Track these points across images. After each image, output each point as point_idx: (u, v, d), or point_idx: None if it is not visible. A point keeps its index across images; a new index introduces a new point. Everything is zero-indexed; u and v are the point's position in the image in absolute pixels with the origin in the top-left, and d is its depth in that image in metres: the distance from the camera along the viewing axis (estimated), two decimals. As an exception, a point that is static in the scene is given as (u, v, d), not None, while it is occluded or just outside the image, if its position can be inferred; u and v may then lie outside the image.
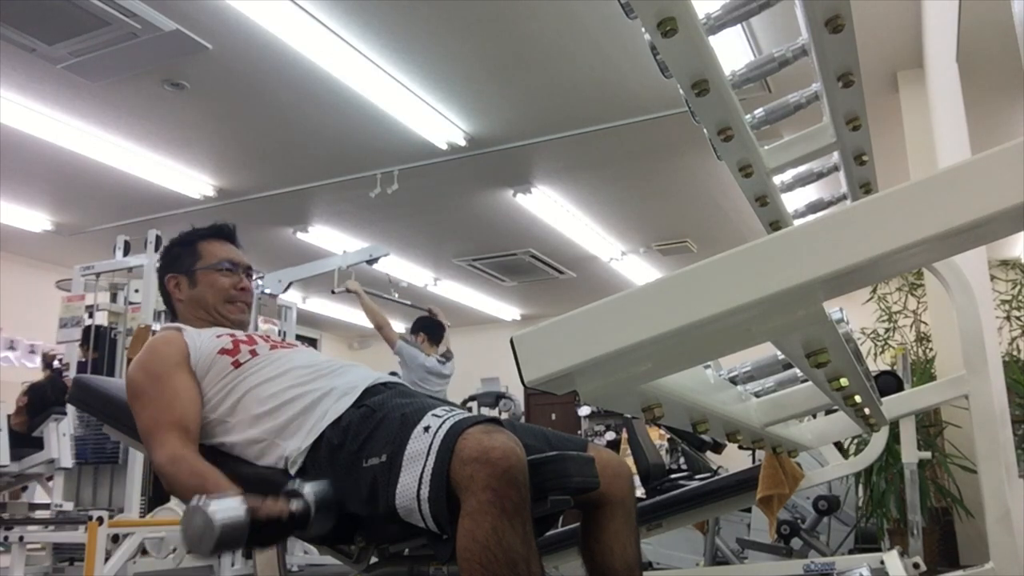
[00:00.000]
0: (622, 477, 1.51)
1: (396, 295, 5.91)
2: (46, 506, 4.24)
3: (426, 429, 1.25)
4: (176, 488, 1.41)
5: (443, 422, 1.25)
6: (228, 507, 1.15)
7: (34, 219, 6.36)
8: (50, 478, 4.43)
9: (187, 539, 1.15)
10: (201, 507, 1.13)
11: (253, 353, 1.56)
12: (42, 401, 4.30)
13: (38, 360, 5.62)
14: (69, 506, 4.20)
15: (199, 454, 1.45)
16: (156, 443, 1.45)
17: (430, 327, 5.01)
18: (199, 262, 1.75)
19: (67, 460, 4.07)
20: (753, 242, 0.58)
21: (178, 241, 1.81)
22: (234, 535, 1.14)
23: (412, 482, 1.21)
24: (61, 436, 4.05)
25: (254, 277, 1.89)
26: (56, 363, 5.19)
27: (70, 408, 4.20)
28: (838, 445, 3.02)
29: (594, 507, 1.49)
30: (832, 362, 0.75)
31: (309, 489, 1.25)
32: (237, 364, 1.53)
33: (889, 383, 2.42)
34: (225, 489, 1.34)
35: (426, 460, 1.21)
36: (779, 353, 1.07)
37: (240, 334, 1.63)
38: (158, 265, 1.83)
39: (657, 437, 6.18)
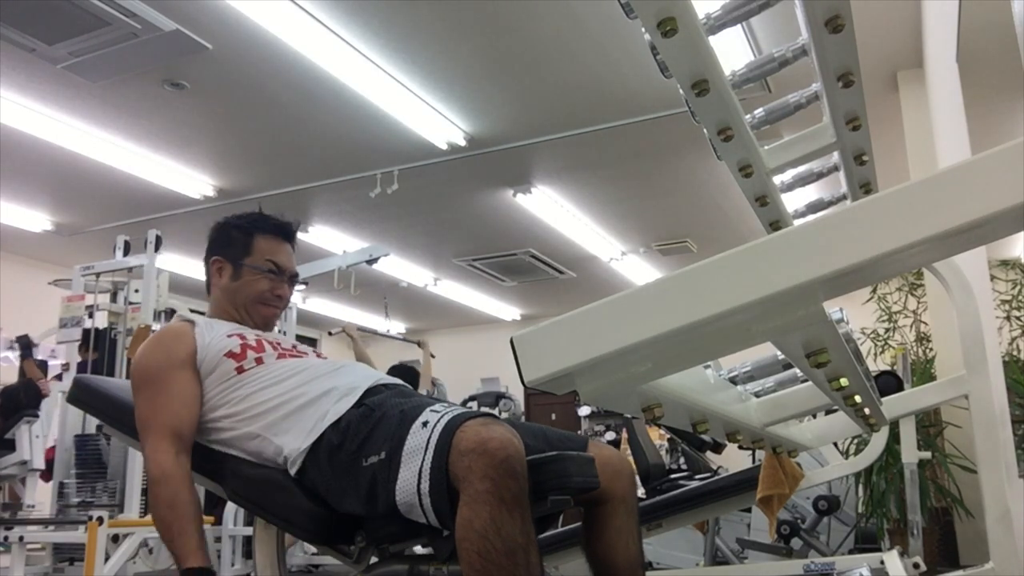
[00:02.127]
0: (624, 474, 1.52)
1: (389, 330, 6.04)
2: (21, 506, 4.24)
3: (424, 424, 1.26)
4: (153, 508, 1.44)
5: (441, 417, 1.26)
6: None
7: (34, 219, 6.35)
8: (49, 477, 4.42)
9: None
10: None
11: (259, 361, 1.55)
12: (14, 404, 4.30)
13: (12, 355, 5.56)
14: (44, 506, 4.18)
15: (189, 467, 1.47)
16: (149, 443, 1.47)
17: (404, 376, 5.02)
18: (248, 257, 1.70)
19: (39, 462, 4.07)
20: (753, 242, 0.58)
21: (238, 224, 1.74)
22: None
23: (412, 477, 1.21)
24: (34, 438, 4.06)
25: (297, 286, 1.84)
26: (32, 346, 5.13)
27: (68, 441, 4.17)
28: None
29: (596, 504, 1.49)
30: (832, 362, 0.74)
31: None
32: (240, 370, 1.53)
33: (889, 383, 2.42)
34: (189, 542, 1.38)
35: (425, 454, 1.21)
36: (779, 353, 1.07)
37: (251, 337, 1.60)
38: (210, 237, 1.75)
39: (657, 437, 6.18)
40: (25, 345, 5.16)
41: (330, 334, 5.25)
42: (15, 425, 4.09)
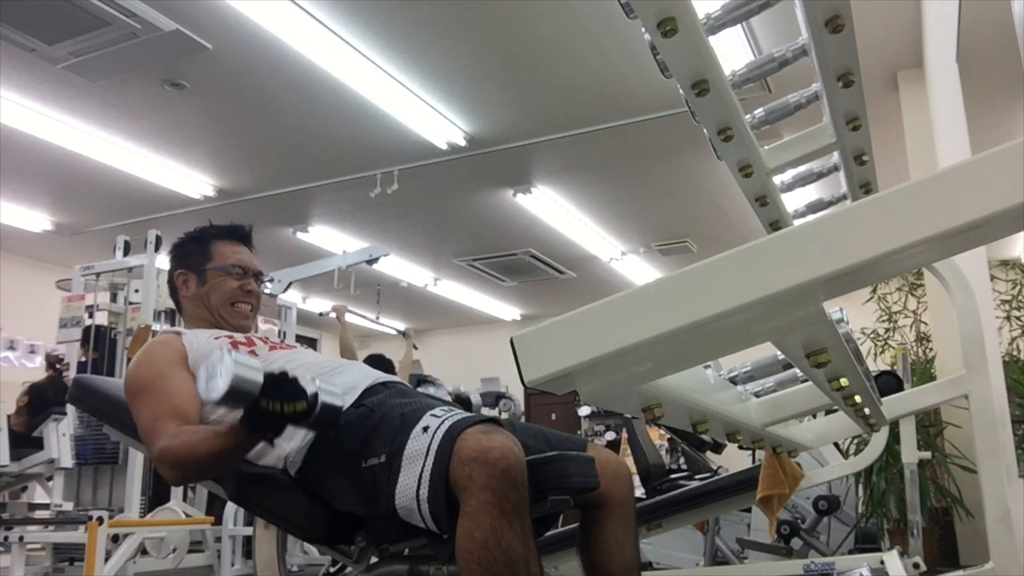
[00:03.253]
0: (622, 478, 1.51)
1: (379, 316, 6.08)
2: (46, 506, 4.24)
3: (425, 429, 1.25)
4: (185, 457, 1.34)
5: (442, 422, 1.25)
6: (249, 364, 1.20)
7: (34, 219, 6.36)
8: (50, 478, 4.43)
9: (202, 377, 1.19)
10: (226, 355, 1.19)
11: (252, 354, 1.56)
12: (42, 401, 4.30)
13: (38, 360, 5.60)
14: (69, 506, 4.20)
15: None
16: (155, 435, 1.41)
17: (378, 366, 4.99)
18: (210, 262, 1.74)
19: (67, 460, 4.07)
20: (753, 242, 0.58)
21: (192, 237, 1.79)
22: (244, 390, 1.17)
23: (411, 482, 1.21)
24: (61, 436, 4.06)
25: (264, 281, 1.86)
26: (59, 364, 5.17)
27: (70, 408, 4.19)
28: (836, 445, 3.03)
29: (593, 507, 1.49)
30: (832, 362, 0.75)
31: (319, 383, 1.25)
32: None
33: (889, 383, 2.42)
34: (228, 430, 1.31)
35: (425, 460, 1.21)
36: (779, 353, 1.07)
37: (239, 336, 1.63)
38: (169, 257, 1.80)
39: (657, 437, 6.18)
40: (51, 364, 5.20)
41: (320, 315, 5.26)
42: (43, 423, 4.09)
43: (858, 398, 1.02)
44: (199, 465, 1.35)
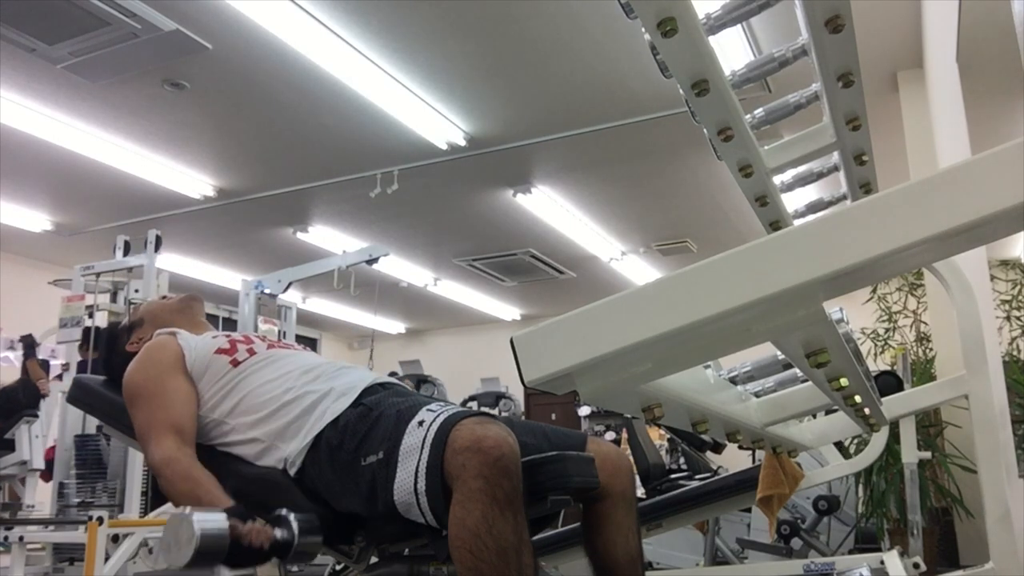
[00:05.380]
0: (622, 470, 1.52)
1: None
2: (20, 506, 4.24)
3: (420, 423, 1.26)
4: (169, 491, 1.39)
5: (437, 416, 1.26)
6: (212, 521, 1.13)
7: (34, 219, 6.35)
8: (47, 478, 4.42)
9: (165, 545, 1.13)
10: (186, 516, 1.12)
11: (251, 352, 1.57)
12: (13, 404, 4.30)
13: (12, 354, 5.57)
14: (44, 506, 4.19)
15: (195, 456, 1.44)
16: (152, 444, 1.44)
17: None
18: (142, 307, 1.81)
19: (39, 461, 4.07)
20: (753, 242, 0.58)
21: (105, 337, 1.83)
22: (213, 550, 1.11)
23: (409, 476, 1.21)
24: (34, 438, 4.06)
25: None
26: (36, 345, 5.12)
27: (47, 411, 4.18)
28: (838, 445, 3.03)
29: (595, 501, 1.50)
30: (832, 362, 0.75)
31: (295, 519, 1.23)
32: (235, 363, 1.54)
33: (889, 383, 2.42)
34: (218, 497, 1.33)
35: (421, 453, 1.22)
36: (779, 353, 1.07)
37: (236, 335, 1.64)
38: (104, 360, 1.79)
39: (657, 437, 6.18)
40: (29, 345, 5.15)
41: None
42: (15, 425, 4.09)
43: (858, 398, 1.02)
44: (182, 503, 1.37)
